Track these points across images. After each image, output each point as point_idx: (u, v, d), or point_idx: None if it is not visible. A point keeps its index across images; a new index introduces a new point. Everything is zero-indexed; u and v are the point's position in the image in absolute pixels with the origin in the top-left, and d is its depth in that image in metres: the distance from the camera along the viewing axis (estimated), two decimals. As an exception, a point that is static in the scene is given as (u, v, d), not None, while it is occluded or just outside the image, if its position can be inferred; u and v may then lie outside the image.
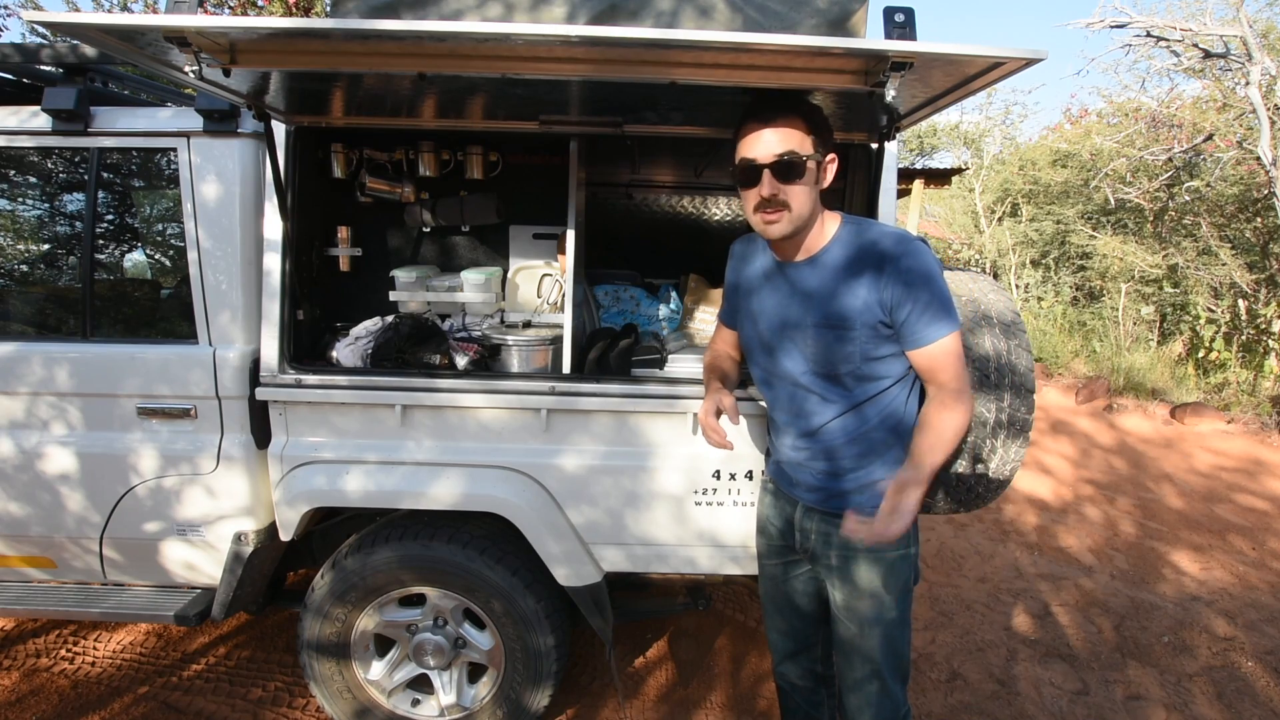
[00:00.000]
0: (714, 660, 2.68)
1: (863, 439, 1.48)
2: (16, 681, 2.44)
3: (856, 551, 1.50)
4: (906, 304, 1.37)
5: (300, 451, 1.91)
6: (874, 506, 1.47)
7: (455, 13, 1.57)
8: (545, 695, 2.06)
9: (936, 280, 1.38)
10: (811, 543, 1.57)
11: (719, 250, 3.29)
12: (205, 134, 1.87)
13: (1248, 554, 3.70)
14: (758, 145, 1.36)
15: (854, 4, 1.60)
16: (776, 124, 1.35)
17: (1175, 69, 7.15)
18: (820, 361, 1.46)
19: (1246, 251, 7.50)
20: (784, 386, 1.54)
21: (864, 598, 1.51)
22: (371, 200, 2.30)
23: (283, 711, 2.34)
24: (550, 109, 1.82)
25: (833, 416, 1.48)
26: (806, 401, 1.51)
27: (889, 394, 1.47)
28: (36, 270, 2.16)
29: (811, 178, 1.38)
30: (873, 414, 1.47)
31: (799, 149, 1.35)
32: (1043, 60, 1.16)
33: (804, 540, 1.59)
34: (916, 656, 2.71)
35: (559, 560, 1.92)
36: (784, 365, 1.52)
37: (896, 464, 1.49)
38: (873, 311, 1.39)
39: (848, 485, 1.50)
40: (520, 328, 2.29)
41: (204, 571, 2.06)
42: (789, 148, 1.35)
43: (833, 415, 1.48)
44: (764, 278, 1.56)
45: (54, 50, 2.01)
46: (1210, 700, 2.54)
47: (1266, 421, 5.47)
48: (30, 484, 1.96)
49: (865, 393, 1.46)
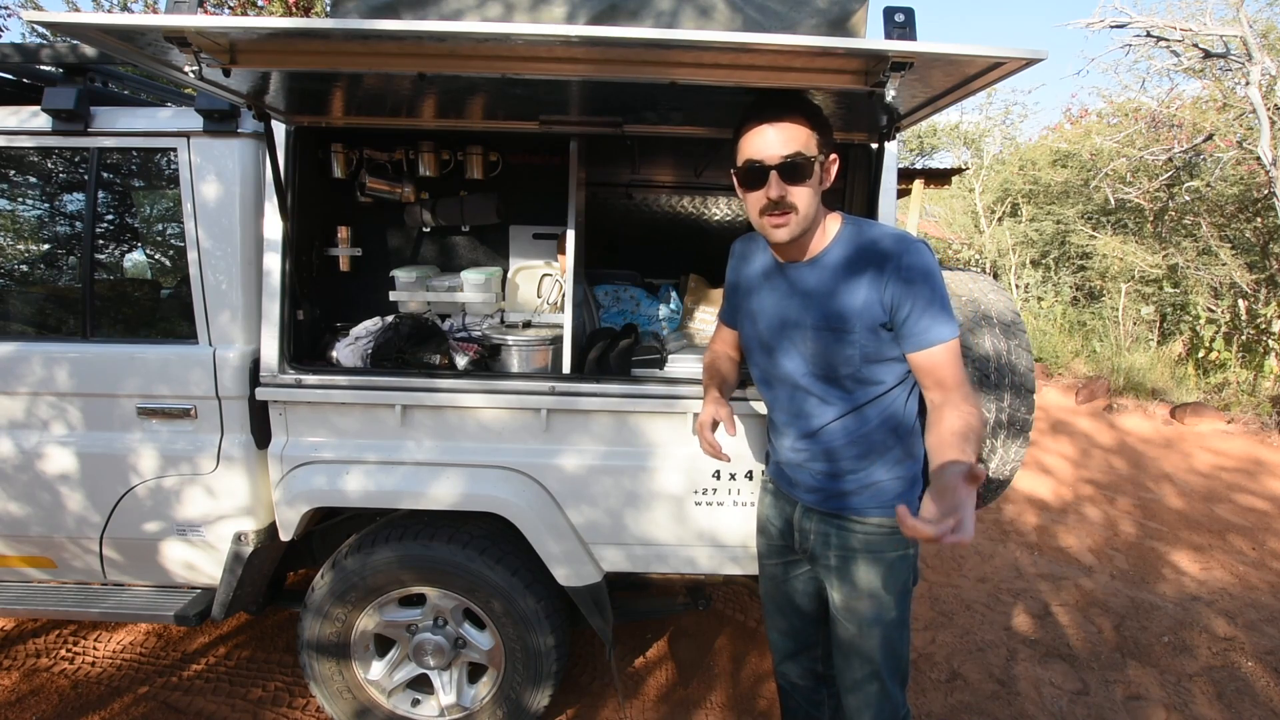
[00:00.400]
0: (714, 660, 2.68)
1: (863, 440, 1.46)
2: (16, 681, 2.44)
3: (855, 552, 1.50)
4: (906, 303, 1.35)
5: (300, 451, 1.91)
6: (875, 507, 1.47)
7: (455, 13, 1.57)
8: (545, 695, 2.06)
9: (937, 280, 1.36)
10: (810, 543, 1.56)
11: (719, 250, 3.30)
12: (205, 134, 1.87)
13: (1248, 554, 3.70)
14: (763, 145, 1.32)
15: (854, 4, 1.61)
16: (781, 123, 1.31)
17: (1175, 69, 7.15)
18: (820, 363, 1.44)
19: (1246, 251, 7.50)
20: (783, 387, 1.53)
21: (863, 598, 1.50)
22: (371, 200, 2.30)
23: (283, 711, 2.34)
24: (550, 109, 1.82)
25: (832, 418, 1.47)
26: (806, 402, 1.49)
27: (889, 395, 1.45)
28: (36, 270, 2.16)
29: (816, 178, 1.36)
30: (873, 415, 1.45)
31: (805, 149, 1.32)
32: (1043, 60, 1.16)
33: (803, 540, 1.58)
34: (916, 656, 2.71)
35: (559, 560, 1.92)
36: (783, 366, 1.51)
37: (897, 464, 1.48)
38: (873, 312, 1.37)
39: (847, 486, 1.49)
40: (520, 328, 2.29)
41: (204, 571, 2.06)
42: (795, 148, 1.31)
43: (832, 417, 1.47)
44: (764, 277, 1.55)
45: (54, 50, 2.01)
46: (1210, 700, 2.54)
47: (1266, 421, 5.47)
48: (30, 484, 1.96)
49: (866, 395, 1.44)
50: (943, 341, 1.35)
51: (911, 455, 1.51)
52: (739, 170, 1.38)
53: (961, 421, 1.30)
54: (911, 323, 1.36)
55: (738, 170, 1.38)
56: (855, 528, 1.50)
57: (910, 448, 1.50)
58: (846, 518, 1.50)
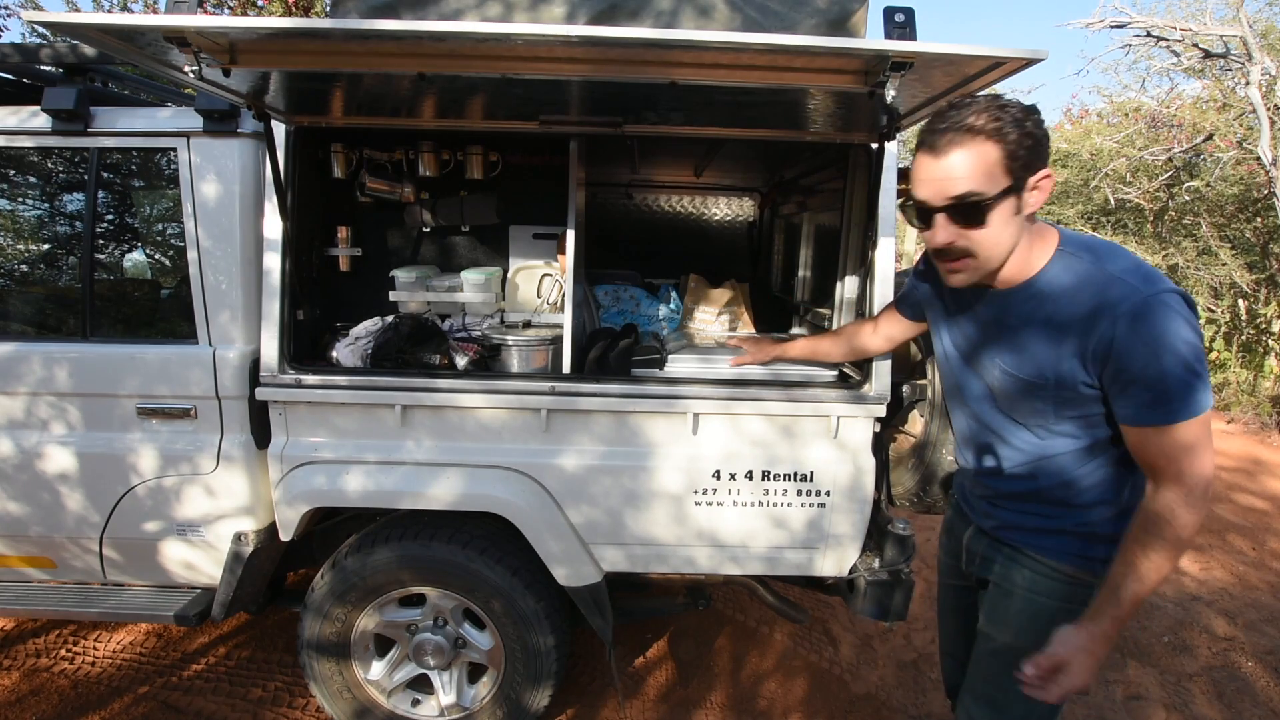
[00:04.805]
0: (714, 660, 2.68)
1: (1055, 490, 1.26)
2: (16, 681, 2.44)
3: (1015, 586, 1.33)
4: (1119, 370, 1.08)
5: (300, 451, 1.91)
6: (1066, 552, 1.28)
7: (455, 13, 1.57)
8: (545, 695, 2.06)
9: (1172, 345, 1.04)
10: (976, 565, 1.42)
11: (719, 250, 3.33)
12: (205, 134, 1.87)
13: (1248, 554, 3.70)
14: (927, 183, 1.11)
15: (854, 4, 1.61)
16: (952, 150, 1.07)
17: (1175, 69, 7.15)
18: (1007, 404, 1.27)
19: (1246, 251, 7.50)
20: (967, 412, 1.38)
21: (1005, 632, 1.34)
22: (371, 200, 2.29)
23: (283, 711, 2.34)
24: (550, 109, 1.82)
25: (1017, 464, 1.28)
26: (988, 437, 1.33)
27: (1088, 451, 1.21)
28: (36, 270, 2.16)
29: (1006, 211, 1.10)
30: (1066, 467, 1.23)
31: (984, 185, 1.07)
32: (1043, 60, 1.16)
33: (969, 562, 1.44)
34: (916, 657, 2.71)
35: (559, 560, 1.92)
36: (970, 390, 1.35)
37: (1095, 514, 1.25)
38: (1072, 369, 1.14)
39: (1031, 524, 1.31)
40: (520, 328, 2.29)
41: (204, 571, 2.06)
42: (969, 186, 1.07)
43: (1017, 462, 1.28)
44: (952, 295, 1.35)
45: (54, 50, 2.01)
46: (1210, 700, 2.54)
47: (1266, 421, 5.47)
48: (30, 484, 1.96)
49: (1055, 448, 1.23)
50: (1155, 425, 1.08)
51: (1112, 515, 1.25)
52: (910, 205, 1.18)
53: (1141, 543, 1.10)
54: (1126, 401, 1.10)
55: (909, 204, 1.19)
56: (1025, 562, 1.32)
57: (1110, 510, 1.25)
58: (1018, 549, 1.33)
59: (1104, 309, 1.09)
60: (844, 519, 1.92)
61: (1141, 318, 1.06)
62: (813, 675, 2.61)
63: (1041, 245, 1.19)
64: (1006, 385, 1.25)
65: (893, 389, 1.90)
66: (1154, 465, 1.12)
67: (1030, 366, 1.19)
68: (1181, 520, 1.08)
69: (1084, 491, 1.24)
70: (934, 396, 2.00)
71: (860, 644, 2.80)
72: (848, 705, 2.45)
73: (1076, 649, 1.16)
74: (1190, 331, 1.06)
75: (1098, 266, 1.13)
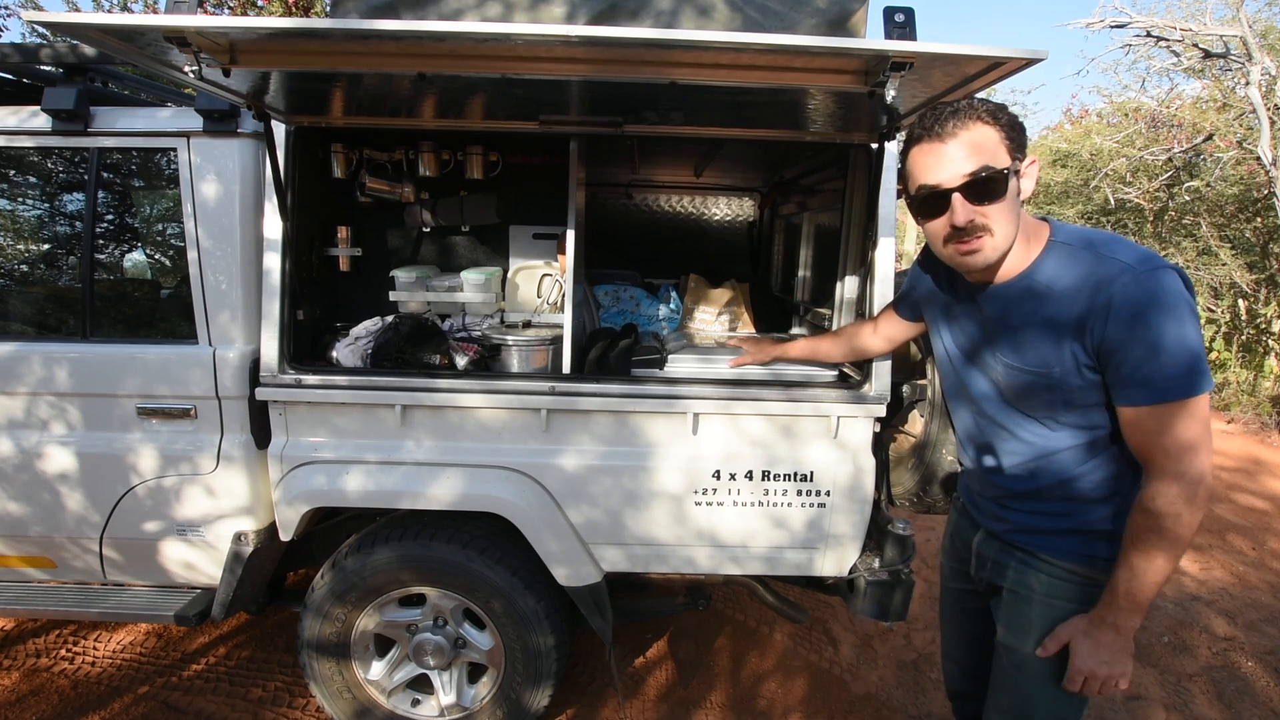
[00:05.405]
0: (714, 660, 2.68)
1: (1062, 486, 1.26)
2: (16, 681, 2.44)
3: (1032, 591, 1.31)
4: (1118, 348, 1.09)
5: (300, 451, 1.91)
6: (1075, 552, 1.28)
7: (455, 13, 1.57)
8: (545, 695, 2.06)
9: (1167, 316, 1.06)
10: (988, 571, 1.40)
11: (719, 250, 3.33)
12: (205, 134, 1.87)
13: (1248, 554, 3.70)
14: (939, 166, 1.13)
15: (854, 4, 1.61)
16: (959, 134, 1.12)
17: (1175, 69, 7.15)
18: (1012, 396, 1.27)
19: (1246, 251, 7.50)
20: (970, 409, 1.38)
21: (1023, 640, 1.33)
22: (371, 200, 2.30)
23: (283, 711, 2.34)
24: (550, 109, 1.82)
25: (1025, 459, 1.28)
26: (993, 435, 1.33)
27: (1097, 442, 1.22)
28: (36, 270, 2.16)
29: (1014, 191, 1.14)
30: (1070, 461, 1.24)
31: (993, 160, 1.11)
32: (1042, 60, 1.16)
33: (979, 567, 1.42)
34: (916, 657, 2.71)
35: (559, 560, 1.92)
36: (973, 388, 1.34)
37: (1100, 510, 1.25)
38: (1074, 354, 1.15)
39: (1043, 525, 1.30)
40: (520, 328, 2.29)
41: (204, 571, 2.06)
42: (982, 161, 1.11)
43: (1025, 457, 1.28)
44: (950, 292, 1.38)
45: (54, 50, 2.01)
46: (1210, 700, 2.54)
47: (1266, 421, 5.47)
48: (30, 484, 1.96)
49: (1062, 442, 1.23)
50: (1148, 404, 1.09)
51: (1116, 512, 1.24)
52: (913, 199, 1.19)
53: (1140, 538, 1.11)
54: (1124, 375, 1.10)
55: (911, 199, 1.20)
56: (1039, 565, 1.31)
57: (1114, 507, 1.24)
58: (1031, 553, 1.32)
59: (1100, 286, 1.11)
60: (844, 519, 1.92)
61: (1137, 294, 1.08)
62: (813, 675, 2.61)
63: (1035, 237, 1.22)
64: (1012, 379, 1.25)
65: (893, 389, 1.90)
66: (1151, 459, 1.12)
67: (1034, 357, 1.20)
68: (1181, 519, 1.09)
69: (1091, 488, 1.24)
70: (934, 396, 2.00)
71: (860, 644, 2.80)
72: (848, 705, 2.45)
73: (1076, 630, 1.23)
74: (1186, 308, 1.07)
75: (1092, 251, 1.16)
